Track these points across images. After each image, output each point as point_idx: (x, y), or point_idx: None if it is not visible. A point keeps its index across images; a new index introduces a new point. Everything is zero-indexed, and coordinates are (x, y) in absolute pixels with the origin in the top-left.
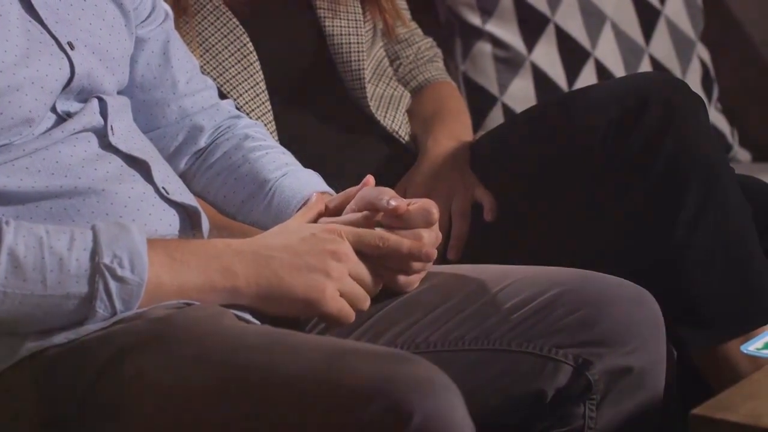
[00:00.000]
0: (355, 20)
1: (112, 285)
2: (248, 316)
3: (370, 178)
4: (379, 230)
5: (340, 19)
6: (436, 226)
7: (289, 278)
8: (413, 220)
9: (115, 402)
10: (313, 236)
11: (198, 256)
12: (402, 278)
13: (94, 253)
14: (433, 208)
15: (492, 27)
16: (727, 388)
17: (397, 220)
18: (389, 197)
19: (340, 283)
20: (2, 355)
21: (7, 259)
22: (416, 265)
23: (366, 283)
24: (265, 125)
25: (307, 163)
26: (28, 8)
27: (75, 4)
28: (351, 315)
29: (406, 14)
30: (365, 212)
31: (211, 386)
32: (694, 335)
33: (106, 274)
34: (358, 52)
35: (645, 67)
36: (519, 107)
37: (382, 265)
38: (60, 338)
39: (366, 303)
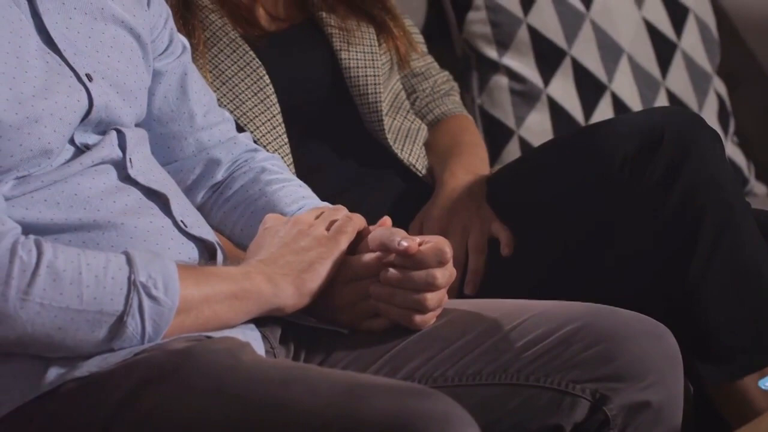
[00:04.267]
0: (371, 52)
1: (146, 303)
2: (272, 342)
3: (386, 220)
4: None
5: (356, 51)
6: (450, 264)
7: (318, 265)
8: (426, 260)
9: None
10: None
11: (223, 269)
12: (417, 317)
13: (130, 272)
14: (446, 246)
15: (508, 60)
16: (745, 424)
17: (409, 261)
18: (401, 237)
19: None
20: (23, 387)
21: (46, 272)
22: (431, 303)
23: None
24: (282, 158)
25: (324, 195)
26: (47, 40)
27: (93, 37)
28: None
29: (423, 47)
30: (377, 253)
31: (229, 420)
32: (710, 370)
33: (141, 291)
34: (375, 84)
35: (661, 100)
36: (535, 141)
37: (397, 304)
38: (82, 371)
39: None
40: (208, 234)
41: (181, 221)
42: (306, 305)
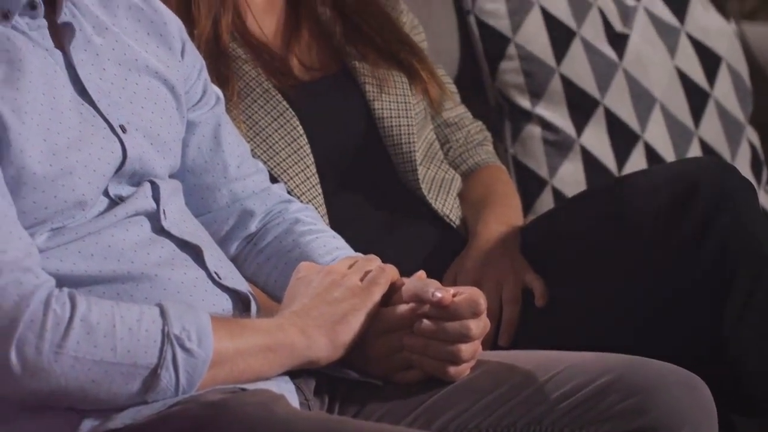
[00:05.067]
0: (405, 101)
1: (180, 355)
2: (306, 394)
3: (421, 274)
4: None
5: (390, 100)
6: (484, 315)
7: (351, 317)
8: (460, 311)
9: None
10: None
11: (257, 322)
12: (452, 368)
13: (164, 324)
14: (480, 298)
15: (541, 110)
16: None
17: (443, 312)
18: (434, 289)
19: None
20: None
21: (80, 325)
22: (465, 354)
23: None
24: (316, 208)
25: (357, 246)
26: (81, 91)
27: (127, 88)
28: None
29: (456, 97)
30: (411, 304)
31: None
32: (745, 422)
33: (175, 344)
34: (409, 134)
35: (694, 150)
36: (569, 191)
37: (432, 355)
38: (116, 423)
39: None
40: (242, 285)
41: (215, 273)
42: (340, 357)
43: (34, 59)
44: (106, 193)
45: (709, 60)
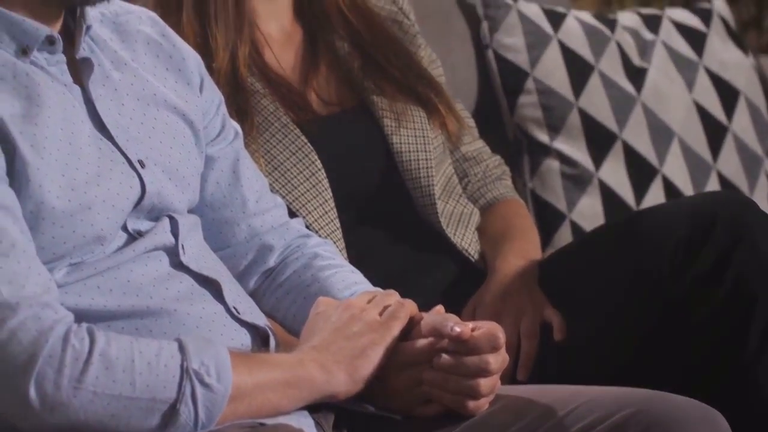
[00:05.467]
0: (423, 135)
1: (199, 390)
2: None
3: (440, 307)
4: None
5: (408, 134)
6: (503, 350)
7: (370, 351)
8: (479, 346)
9: None
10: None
11: (276, 356)
12: (471, 403)
13: (183, 359)
14: (499, 332)
15: (560, 144)
16: None
17: (462, 346)
18: (453, 323)
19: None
20: None
21: (99, 360)
22: (484, 389)
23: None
24: (335, 242)
25: (376, 281)
26: (100, 126)
27: (146, 123)
28: None
29: (474, 131)
30: (430, 339)
31: None
32: None
33: (194, 378)
34: (427, 168)
35: (712, 184)
36: (587, 225)
37: (451, 389)
38: None
39: None
40: (261, 320)
41: (234, 308)
42: (359, 391)
43: (52, 94)
44: (124, 228)
45: (728, 93)
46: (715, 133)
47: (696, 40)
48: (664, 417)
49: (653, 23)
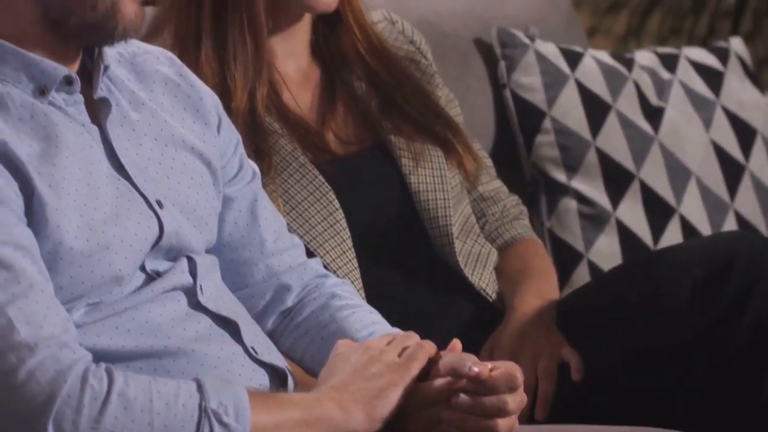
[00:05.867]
0: (441, 175)
1: (218, 430)
2: None
3: (456, 343)
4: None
5: (425, 174)
6: (521, 390)
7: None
8: (497, 386)
9: None
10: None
11: (294, 396)
12: None
13: (201, 399)
14: (517, 372)
15: (577, 183)
16: None
17: (480, 386)
18: (472, 363)
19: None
20: None
21: (117, 400)
22: (502, 428)
23: None
24: (353, 282)
25: (394, 321)
26: (118, 167)
27: (164, 163)
28: None
29: (492, 171)
30: (448, 378)
31: None
32: None
33: (212, 418)
34: (445, 208)
35: (730, 223)
36: (604, 264)
37: (469, 429)
38: None
39: None
40: (279, 360)
41: (252, 348)
42: (377, 431)
43: (70, 135)
44: (142, 269)
45: (745, 133)
46: (733, 173)
47: (713, 79)
48: None
49: (670, 62)
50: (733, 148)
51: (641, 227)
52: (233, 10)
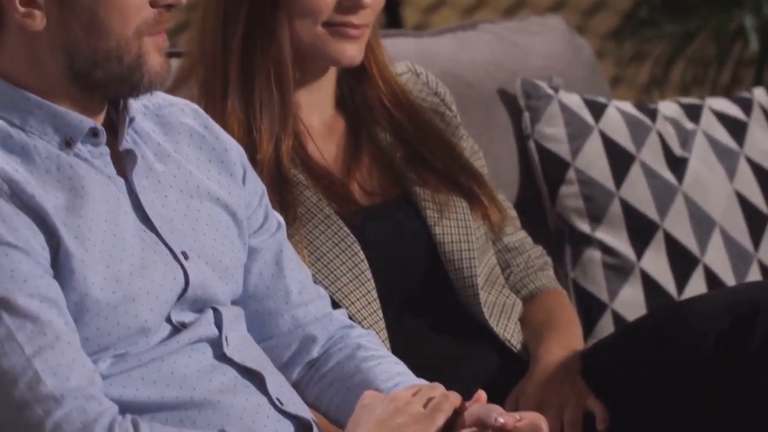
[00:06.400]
0: (465, 226)
1: None
2: None
3: (481, 394)
4: None
5: (450, 225)
6: None
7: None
8: None
9: None
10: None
11: None
12: None
13: None
14: (542, 422)
15: (601, 234)
16: None
17: None
18: (497, 414)
19: None
20: None
21: None
22: None
23: None
24: (378, 333)
25: (419, 371)
26: (143, 218)
27: (189, 215)
28: None
29: (516, 222)
30: (474, 429)
31: None
32: None
33: None
34: (470, 259)
35: (754, 273)
36: (629, 315)
37: None
38: None
39: None
40: (304, 411)
41: (277, 399)
42: None
43: (96, 186)
44: (168, 320)
45: None
46: (757, 223)
47: (737, 129)
48: None
49: (694, 113)
50: (757, 198)
51: (665, 277)
52: (261, 63)
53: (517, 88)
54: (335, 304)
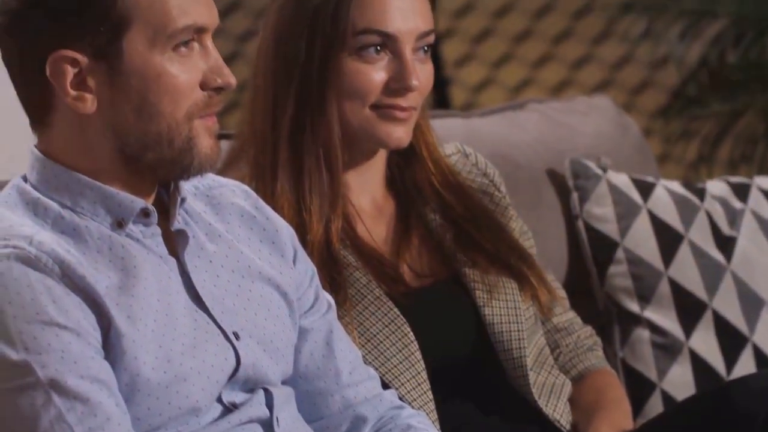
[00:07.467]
0: (515, 307)
1: None
2: None
3: None
4: None
5: (500, 306)
6: None
7: None
8: None
9: None
10: None
11: None
12: None
13: None
14: None
15: (650, 313)
16: None
17: None
18: None
19: None
20: None
21: None
22: None
23: None
24: (428, 414)
25: None
26: (195, 298)
27: (240, 295)
28: None
29: (566, 302)
30: None
31: None
32: None
33: None
34: (519, 339)
35: None
36: (678, 394)
37: None
38: None
39: None
40: None
41: None
42: None
43: (148, 266)
44: (219, 400)
45: None
46: None
47: None
48: None
49: (742, 192)
50: None
51: (714, 356)
52: (310, 144)
53: (566, 168)
54: (385, 385)
